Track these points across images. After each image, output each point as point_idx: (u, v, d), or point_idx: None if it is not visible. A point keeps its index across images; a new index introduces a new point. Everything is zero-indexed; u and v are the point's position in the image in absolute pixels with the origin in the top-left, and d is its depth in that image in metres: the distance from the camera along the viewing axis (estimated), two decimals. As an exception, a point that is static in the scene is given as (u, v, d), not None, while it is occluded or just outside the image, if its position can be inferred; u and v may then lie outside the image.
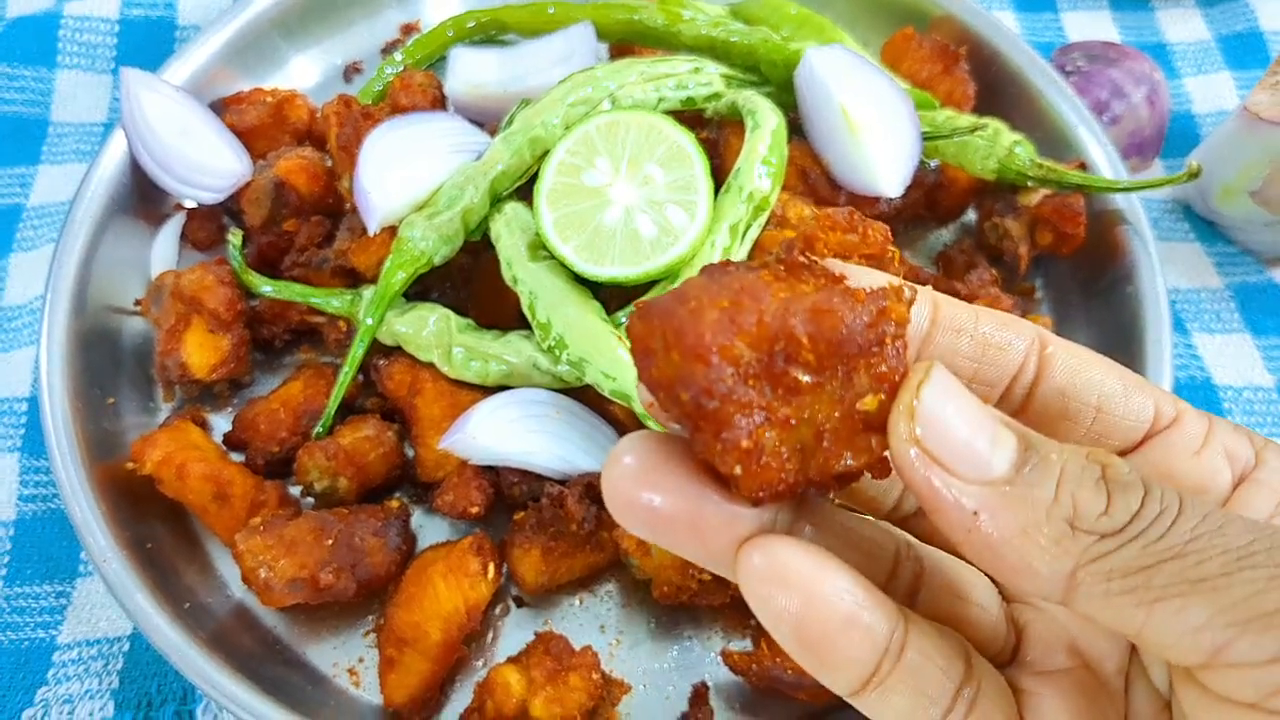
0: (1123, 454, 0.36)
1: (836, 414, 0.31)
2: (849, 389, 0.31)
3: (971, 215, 0.93)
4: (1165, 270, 0.82)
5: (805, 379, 0.31)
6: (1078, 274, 0.88)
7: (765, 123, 0.76)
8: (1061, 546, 0.29)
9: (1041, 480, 0.30)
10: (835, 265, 0.34)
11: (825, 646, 0.31)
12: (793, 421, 0.31)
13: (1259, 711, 0.28)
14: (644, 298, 0.50)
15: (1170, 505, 0.30)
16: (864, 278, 0.34)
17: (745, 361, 0.30)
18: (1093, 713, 0.35)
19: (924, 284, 0.78)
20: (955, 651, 0.34)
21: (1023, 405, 0.36)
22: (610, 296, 0.74)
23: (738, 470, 0.31)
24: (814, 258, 0.33)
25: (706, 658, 0.72)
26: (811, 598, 0.31)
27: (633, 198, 0.71)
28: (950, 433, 0.30)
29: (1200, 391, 0.89)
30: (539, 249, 0.74)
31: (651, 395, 0.32)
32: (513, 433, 0.71)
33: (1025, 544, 0.29)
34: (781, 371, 0.30)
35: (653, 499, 0.32)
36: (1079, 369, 0.36)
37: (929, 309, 0.36)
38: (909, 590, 0.38)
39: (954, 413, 0.30)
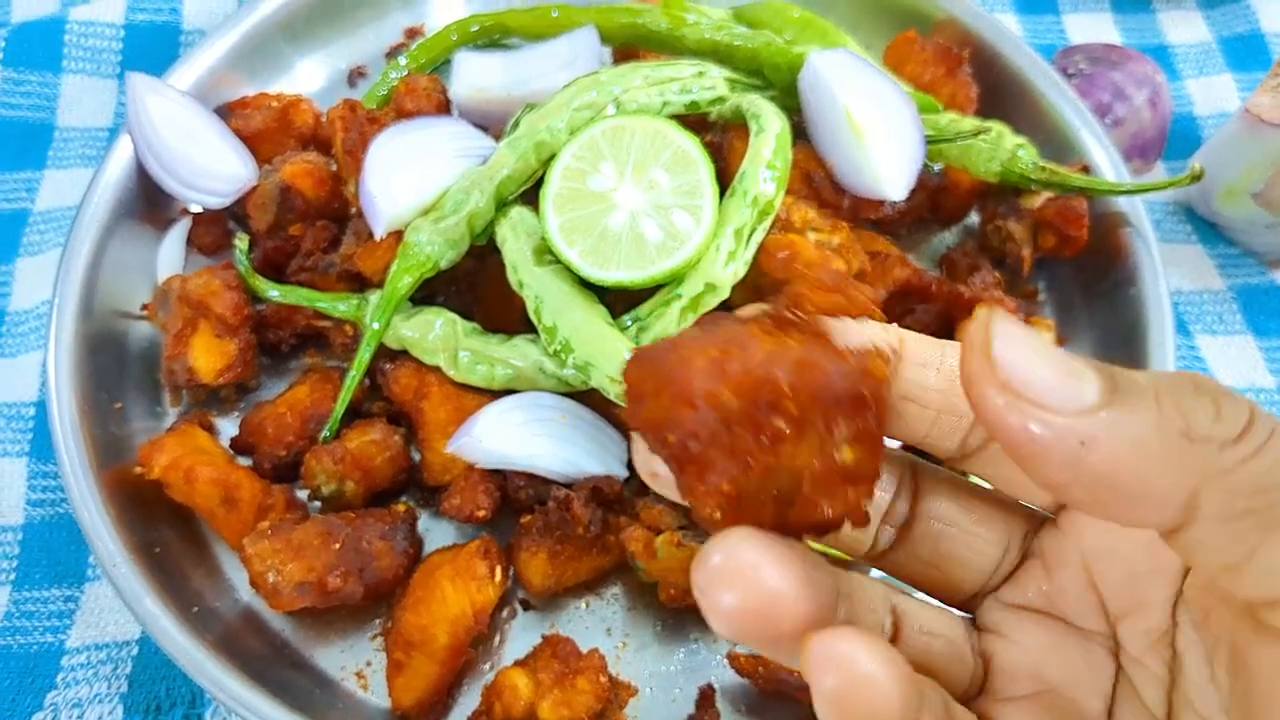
0: None
1: (816, 464, 0.32)
2: (828, 441, 0.32)
3: (974, 218, 0.93)
4: (1167, 272, 0.82)
5: (786, 429, 0.32)
6: (1080, 276, 0.88)
7: (769, 126, 0.76)
8: (1182, 459, 0.28)
9: (1140, 401, 0.28)
10: (823, 323, 0.35)
11: None
12: (773, 470, 0.32)
13: None
14: (641, 345, 0.53)
15: (1277, 433, 0.28)
16: (850, 333, 0.35)
17: (730, 409, 0.31)
18: None
19: (927, 286, 0.79)
20: (941, 701, 0.34)
21: None
22: (616, 300, 0.75)
23: (718, 515, 0.32)
24: (801, 315, 0.35)
25: (713, 660, 0.72)
26: (875, 698, 0.31)
27: (638, 202, 0.71)
28: (1033, 371, 0.28)
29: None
30: (544, 253, 0.74)
31: (641, 436, 0.33)
32: (519, 436, 0.71)
33: (1141, 463, 0.28)
34: (764, 420, 0.31)
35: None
36: None
37: (896, 344, 0.36)
38: (892, 639, 0.38)
39: (1030, 352, 0.29)
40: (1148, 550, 0.37)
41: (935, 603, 0.41)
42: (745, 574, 0.31)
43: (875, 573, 0.43)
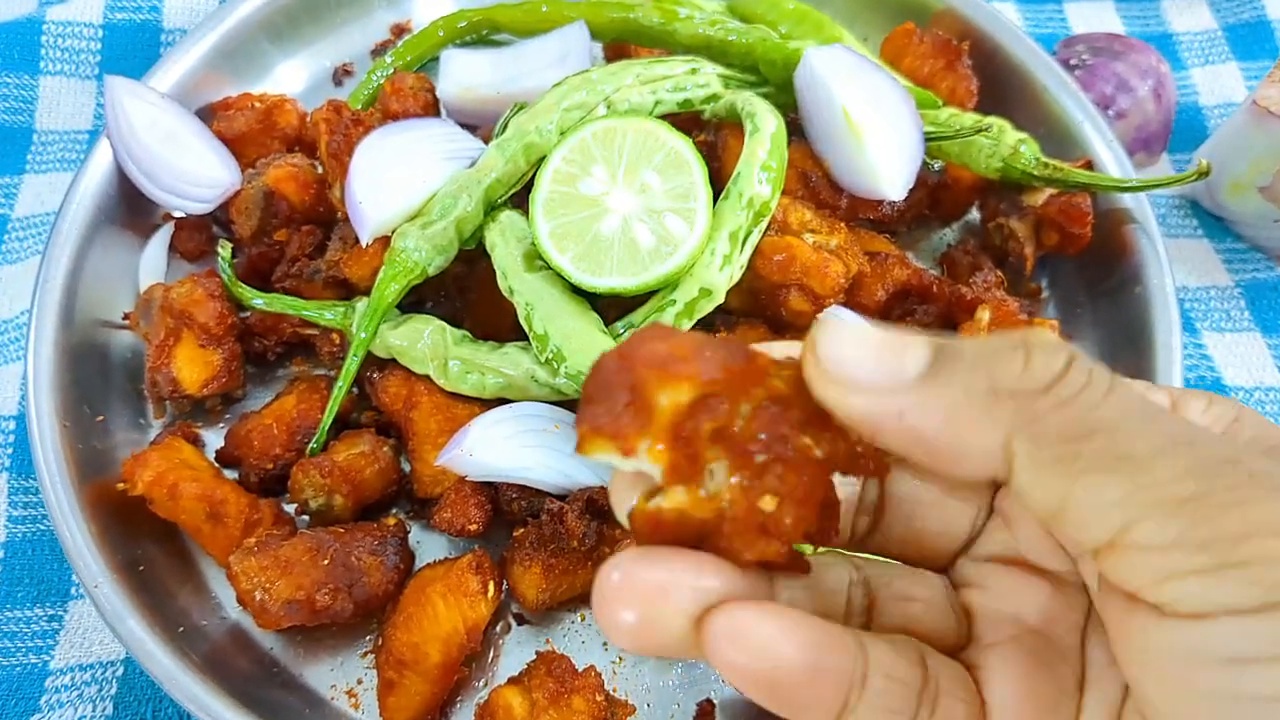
0: None
1: (732, 500, 0.33)
2: (756, 483, 0.32)
3: (975, 215, 0.91)
4: (1173, 268, 0.80)
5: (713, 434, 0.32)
6: (1084, 274, 0.86)
7: (765, 126, 0.74)
8: (990, 415, 0.30)
9: (952, 366, 0.31)
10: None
11: (798, 699, 0.32)
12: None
13: (1136, 603, 0.29)
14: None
15: (1100, 379, 0.31)
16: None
17: (655, 401, 0.32)
18: (1039, 666, 0.37)
19: (928, 287, 0.77)
20: (913, 659, 0.36)
21: None
22: (608, 307, 0.73)
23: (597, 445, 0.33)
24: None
25: (711, 674, 0.71)
26: (778, 659, 0.32)
27: (630, 206, 0.69)
28: (851, 358, 0.32)
29: (1211, 391, 0.87)
30: (535, 259, 0.72)
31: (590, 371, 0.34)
32: (511, 448, 0.69)
33: (953, 425, 0.30)
34: (701, 420, 0.32)
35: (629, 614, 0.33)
36: None
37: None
38: (864, 609, 0.40)
39: (850, 340, 0.32)
40: None
41: (909, 568, 0.42)
42: (645, 592, 0.32)
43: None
